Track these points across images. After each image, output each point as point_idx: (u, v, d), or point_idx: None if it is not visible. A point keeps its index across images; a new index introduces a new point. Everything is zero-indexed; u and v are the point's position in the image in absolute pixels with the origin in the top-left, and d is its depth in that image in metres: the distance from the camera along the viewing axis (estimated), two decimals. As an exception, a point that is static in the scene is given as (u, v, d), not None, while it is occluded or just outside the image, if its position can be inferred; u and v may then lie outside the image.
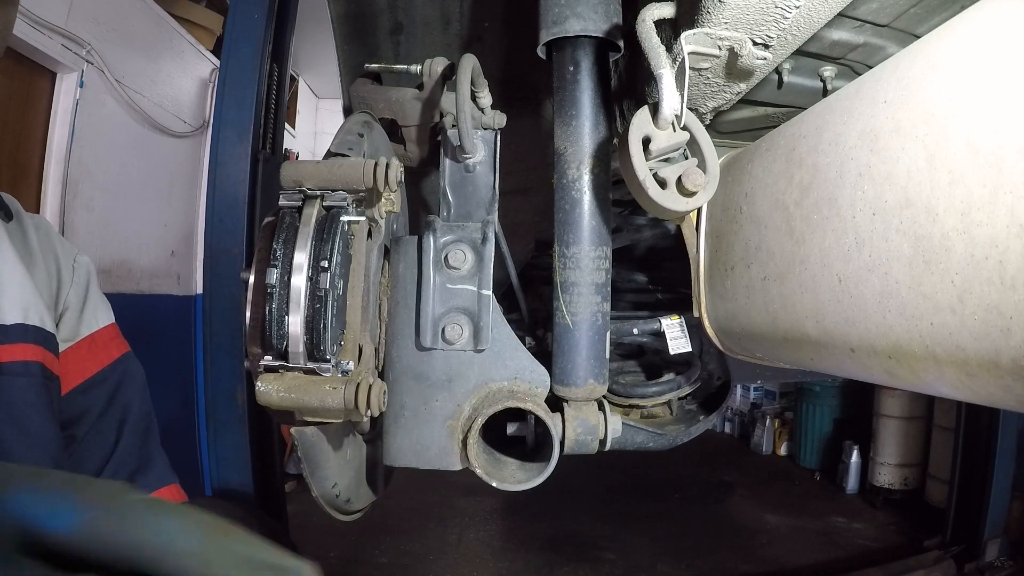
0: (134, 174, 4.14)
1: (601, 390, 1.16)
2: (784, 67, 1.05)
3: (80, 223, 3.63)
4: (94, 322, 0.90)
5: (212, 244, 2.25)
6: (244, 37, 2.25)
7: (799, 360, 1.03)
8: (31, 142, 3.40)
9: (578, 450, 1.12)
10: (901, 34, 0.96)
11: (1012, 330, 0.57)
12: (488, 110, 1.21)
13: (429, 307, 1.07)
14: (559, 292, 1.15)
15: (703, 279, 1.21)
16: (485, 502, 4.14)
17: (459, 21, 1.81)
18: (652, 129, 0.94)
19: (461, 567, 3.42)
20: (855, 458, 4.60)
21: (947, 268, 0.63)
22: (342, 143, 1.04)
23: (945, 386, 0.70)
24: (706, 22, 0.86)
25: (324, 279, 0.79)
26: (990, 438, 3.38)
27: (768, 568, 3.46)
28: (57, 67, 3.45)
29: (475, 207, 1.20)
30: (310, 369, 0.82)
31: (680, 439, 1.40)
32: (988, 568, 3.28)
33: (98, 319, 0.91)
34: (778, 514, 4.23)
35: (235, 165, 2.20)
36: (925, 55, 0.72)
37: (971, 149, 0.61)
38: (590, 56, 1.14)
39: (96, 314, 0.91)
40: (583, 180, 1.13)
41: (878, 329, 0.74)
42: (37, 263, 0.83)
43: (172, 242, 4.60)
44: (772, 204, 0.96)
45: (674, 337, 1.46)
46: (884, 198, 0.72)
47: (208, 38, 4.81)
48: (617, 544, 3.72)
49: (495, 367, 1.10)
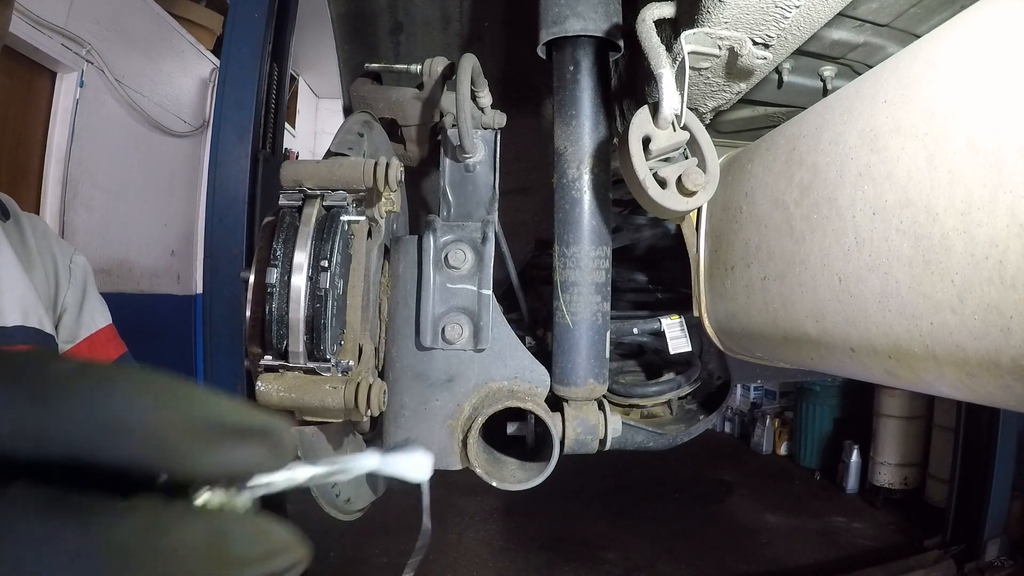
0: (134, 174, 4.14)
1: (601, 390, 1.16)
2: (784, 67, 1.05)
3: (80, 223, 3.63)
4: (92, 324, 0.90)
5: (212, 244, 2.25)
6: (244, 37, 2.25)
7: (799, 360, 1.03)
8: (31, 142, 3.40)
9: (578, 450, 1.12)
10: (901, 34, 0.96)
11: (1012, 330, 0.57)
12: (488, 110, 1.21)
13: (429, 307, 1.07)
14: (559, 292, 1.15)
15: (703, 279, 1.21)
16: (485, 502, 4.14)
17: (459, 21, 1.81)
18: (652, 129, 0.94)
19: (461, 567, 3.42)
20: (855, 458, 4.60)
21: (947, 268, 0.63)
22: (342, 143, 1.04)
23: (945, 386, 0.70)
24: (706, 22, 0.86)
25: (324, 279, 0.79)
26: (990, 438, 3.38)
27: (768, 568, 3.46)
28: (57, 67, 3.45)
29: (475, 207, 1.20)
30: (310, 369, 0.82)
31: (680, 439, 1.40)
32: (988, 568, 3.28)
33: (96, 321, 0.91)
34: (778, 514, 4.23)
35: (235, 165, 2.20)
36: (925, 55, 0.72)
37: (971, 148, 0.61)
38: (590, 56, 1.14)
39: (94, 316, 0.91)
40: (583, 180, 1.13)
41: (878, 329, 0.74)
42: (35, 264, 0.83)
43: (172, 242, 4.60)
44: (772, 204, 0.96)
45: (674, 337, 1.46)
46: (884, 198, 0.72)
47: (208, 38, 4.81)
48: (617, 544, 3.72)
49: (495, 367, 1.10)
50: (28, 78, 3.31)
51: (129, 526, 0.23)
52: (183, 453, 0.24)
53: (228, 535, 0.25)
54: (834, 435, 5.01)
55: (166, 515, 0.24)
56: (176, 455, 0.24)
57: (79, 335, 0.88)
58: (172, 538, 0.23)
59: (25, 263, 0.81)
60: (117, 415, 0.24)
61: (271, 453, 0.26)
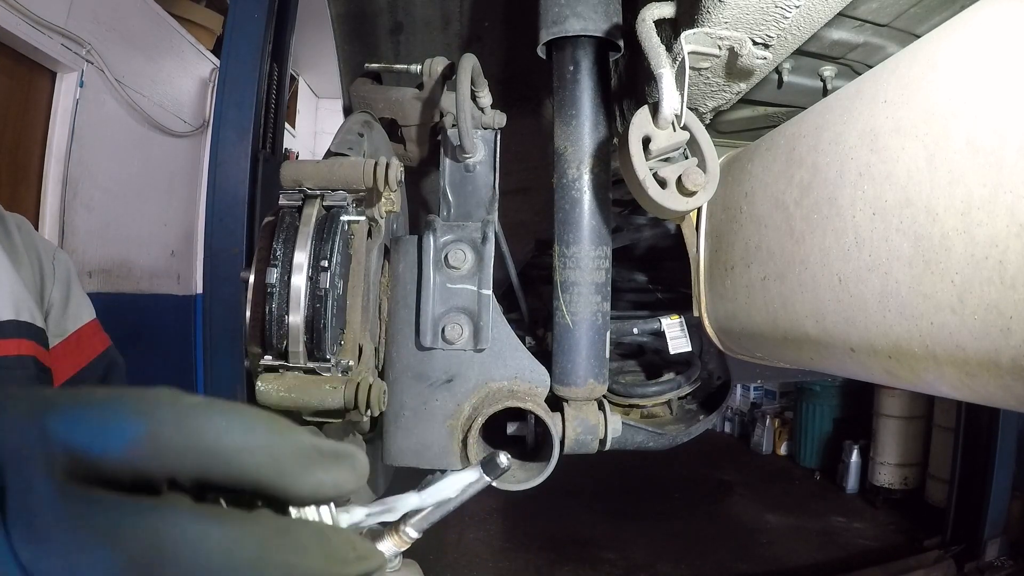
0: (134, 174, 4.14)
1: (601, 390, 1.16)
2: (784, 67, 1.05)
3: (80, 223, 3.63)
4: (79, 319, 0.92)
5: (212, 244, 2.25)
6: (244, 37, 2.25)
7: (799, 360, 1.03)
8: (31, 142, 3.40)
9: (578, 450, 1.12)
10: (901, 34, 0.96)
11: (1012, 330, 0.57)
12: (488, 110, 1.21)
13: (429, 307, 1.07)
14: (559, 292, 1.15)
15: (703, 279, 1.21)
16: (485, 502, 4.14)
17: (459, 21, 1.81)
18: (652, 129, 0.94)
19: (461, 567, 3.42)
20: (855, 458, 4.60)
21: (947, 268, 0.63)
22: (342, 143, 1.04)
23: (945, 386, 0.70)
24: (706, 22, 0.86)
25: (324, 279, 0.79)
26: (990, 438, 3.38)
27: (768, 568, 3.46)
28: (57, 67, 3.45)
29: (475, 207, 1.20)
30: (310, 369, 0.82)
31: (680, 439, 1.40)
32: (988, 568, 3.28)
33: (82, 316, 0.93)
34: (778, 514, 4.23)
35: (235, 165, 2.20)
36: (925, 55, 0.72)
37: (971, 148, 0.61)
38: (590, 56, 1.14)
39: (80, 311, 0.93)
40: (583, 180, 1.13)
41: (878, 329, 0.74)
42: (22, 261, 0.84)
43: (172, 242, 4.60)
44: (772, 204, 0.96)
45: (674, 337, 1.46)
46: (884, 198, 0.72)
47: (208, 38, 4.81)
48: (617, 544, 3.72)
49: (495, 367, 1.10)
50: (28, 78, 3.31)
51: (264, 526, 0.28)
52: (294, 471, 0.30)
53: (330, 539, 0.31)
54: (834, 435, 5.01)
55: (283, 520, 0.30)
56: (288, 473, 0.30)
57: (67, 329, 0.90)
58: (293, 536, 0.29)
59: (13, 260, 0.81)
60: (243, 441, 0.29)
61: (355, 474, 0.33)
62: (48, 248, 0.92)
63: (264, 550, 0.27)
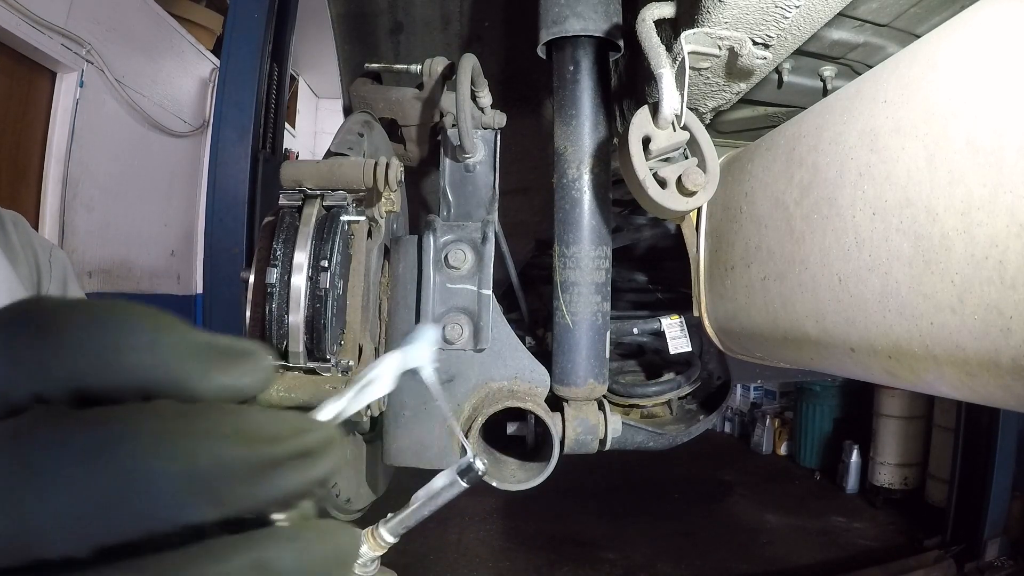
0: (134, 174, 4.14)
1: (601, 390, 1.16)
2: (784, 67, 1.05)
3: (80, 223, 3.63)
4: None
5: (212, 244, 2.25)
6: (244, 37, 2.25)
7: (799, 360, 1.03)
8: (31, 142, 3.40)
9: (578, 450, 1.12)
10: (901, 34, 0.96)
11: (1012, 330, 0.57)
12: (488, 110, 1.21)
13: (429, 307, 1.07)
14: (559, 292, 1.15)
15: (703, 279, 1.21)
16: (485, 502, 4.14)
17: (459, 21, 1.81)
18: (652, 129, 0.94)
19: (461, 567, 3.42)
20: (855, 458, 4.60)
21: (947, 268, 0.63)
22: (342, 143, 1.04)
23: (945, 386, 0.70)
24: (706, 22, 0.86)
25: (324, 279, 0.79)
26: (990, 438, 3.38)
27: (768, 568, 3.46)
28: (57, 67, 3.45)
29: (475, 207, 1.20)
30: (310, 369, 0.82)
31: (680, 439, 1.40)
32: (988, 568, 3.28)
33: None
34: (778, 514, 4.23)
35: (235, 165, 2.20)
36: (925, 55, 0.72)
37: (971, 148, 0.61)
38: (590, 56, 1.14)
39: None
40: (583, 180, 1.13)
41: (878, 329, 0.74)
42: (19, 258, 0.84)
43: (172, 242, 4.60)
44: (772, 204, 0.96)
45: (674, 337, 1.46)
46: (884, 198, 0.72)
47: (208, 38, 4.82)
48: (617, 544, 3.72)
49: (495, 367, 1.10)
50: (28, 78, 3.31)
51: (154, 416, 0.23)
52: (186, 371, 0.25)
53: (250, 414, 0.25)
54: (834, 435, 5.00)
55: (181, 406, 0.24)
56: (180, 373, 0.24)
57: None
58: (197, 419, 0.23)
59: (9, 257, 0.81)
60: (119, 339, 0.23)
61: (260, 373, 0.27)
62: (45, 246, 0.92)
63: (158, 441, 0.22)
